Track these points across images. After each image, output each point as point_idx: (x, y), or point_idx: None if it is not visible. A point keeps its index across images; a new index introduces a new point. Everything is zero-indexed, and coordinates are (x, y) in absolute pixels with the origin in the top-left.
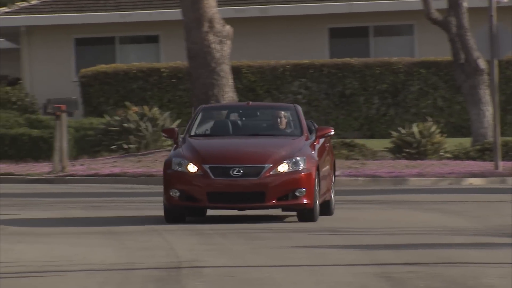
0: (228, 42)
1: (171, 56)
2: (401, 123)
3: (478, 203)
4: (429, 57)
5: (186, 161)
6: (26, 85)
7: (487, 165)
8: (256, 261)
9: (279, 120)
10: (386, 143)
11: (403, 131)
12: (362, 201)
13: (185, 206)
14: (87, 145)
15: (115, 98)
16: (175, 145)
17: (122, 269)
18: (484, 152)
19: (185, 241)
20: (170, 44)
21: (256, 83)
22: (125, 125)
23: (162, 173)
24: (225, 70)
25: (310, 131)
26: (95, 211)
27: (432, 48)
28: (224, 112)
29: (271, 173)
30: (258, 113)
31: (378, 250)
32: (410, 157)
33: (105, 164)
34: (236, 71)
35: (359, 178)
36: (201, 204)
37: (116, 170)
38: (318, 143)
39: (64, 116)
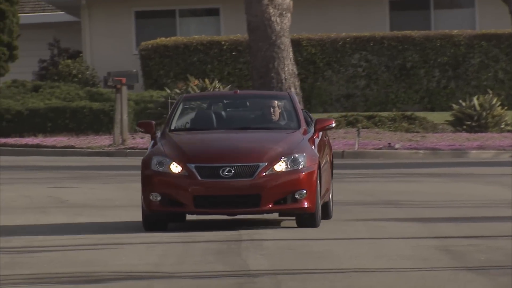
0: (288, 15)
1: (232, 29)
2: (461, 96)
3: None
4: (489, 29)
5: (168, 159)
6: (86, 58)
7: None
8: (316, 234)
9: (272, 110)
10: (446, 116)
11: (463, 104)
12: (422, 174)
13: (167, 212)
14: (147, 118)
15: (175, 71)
16: (152, 141)
17: (182, 241)
18: None
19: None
20: (231, 17)
21: (316, 56)
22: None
23: None
24: (285, 43)
25: (307, 123)
26: None
27: (493, 21)
28: (209, 102)
29: (266, 172)
30: (247, 103)
31: (439, 223)
32: (470, 130)
33: None
34: (296, 44)
35: (420, 151)
36: (186, 210)
37: None
38: (317, 137)
39: (124, 89)
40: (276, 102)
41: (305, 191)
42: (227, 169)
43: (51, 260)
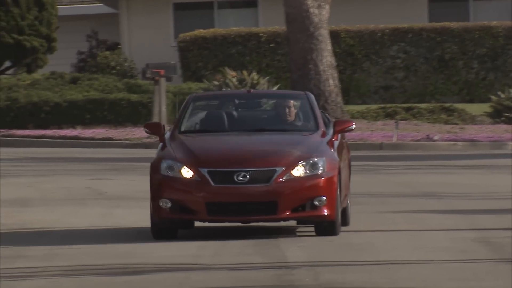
0: (327, 6)
1: (270, 21)
2: (500, 87)
3: None
4: None
5: (179, 164)
6: (124, 50)
7: None
8: (355, 226)
9: (287, 111)
10: (485, 107)
11: (502, 95)
12: (460, 166)
13: (178, 219)
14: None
15: (213, 63)
16: (161, 144)
17: (220, 234)
18: None
19: None
20: (269, 8)
21: (354, 48)
22: (224, 90)
23: None
24: (324, 34)
25: (324, 124)
26: None
27: None
28: (220, 102)
29: (284, 178)
30: (261, 103)
31: (477, 215)
32: (509, 121)
33: None
34: (335, 36)
35: (458, 142)
36: (198, 217)
37: None
38: (336, 140)
39: (162, 81)
40: (291, 102)
41: (324, 198)
42: (242, 174)
43: (89, 252)
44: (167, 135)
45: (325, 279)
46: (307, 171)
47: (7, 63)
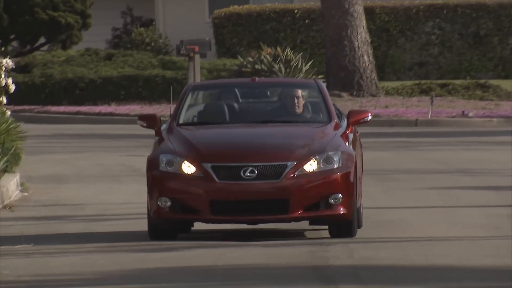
0: None
1: None
2: None
3: None
4: None
5: (179, 158)
6: (159, 26)
7: None
8: (389, 202)
9: (295, 101)
10: None
11: None
12: (495, 142)
13: (179, 220)
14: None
15: (248, 40)
16: (158, 137)
17: None
18: None
19: None
20: None
21: (389, 24)
22: (258, 66)
23: None
24: (358, 10)
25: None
26: None
27: None
28: (222, 91)
29: (296, 173)
30: (268, 93)
31: None
32: None
33: None
34: (370, 12)
35: (493, 119)
36: (201, 217)
37: None
38: (351, 132)
39: (197, 57)
40: (300, 91)
41: (340, 195)
42: (249, 169)
43: (124, 229)
44: (164, 127)
45: (359, 255)
46: (321, 166)
47: (42, 40)
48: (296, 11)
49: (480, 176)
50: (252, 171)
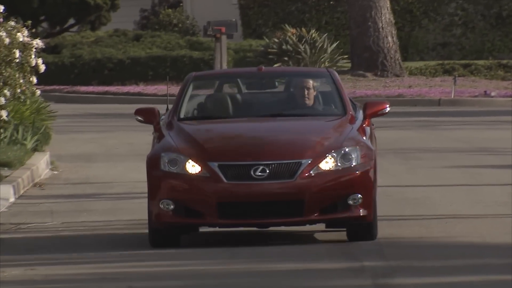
0: None
1: None
2: None
3: None
4: None
5: (182, 157)
6: (186, 7)
7: None
8: (412, 180)
9: (306, 92)
10: None
11: None
12: None
13: (183, 224)
14: (246, 67)
15: (273, 20)
16: (157, 133)
17: None
18: None
19: None
20: None
21: (413, 5)
22: (284, 47)
23: None
24: None
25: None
26: None
27: None
28: (226, 81)
29: (311, 172)
30: (276, 83)
31: None
32: None
33: None
34: None
35: None
36: (208, 221)
37: None
38: (368, 126)
39: (224, 38)
40: (311, 81)
41: (360, 196)
42: (260, 168)
43: None
44: (163, 122)
45: (383, 233)
46: (338, 164)
47: (71, 21)
48: None
49: (502, 155)
50: (263, 170)
